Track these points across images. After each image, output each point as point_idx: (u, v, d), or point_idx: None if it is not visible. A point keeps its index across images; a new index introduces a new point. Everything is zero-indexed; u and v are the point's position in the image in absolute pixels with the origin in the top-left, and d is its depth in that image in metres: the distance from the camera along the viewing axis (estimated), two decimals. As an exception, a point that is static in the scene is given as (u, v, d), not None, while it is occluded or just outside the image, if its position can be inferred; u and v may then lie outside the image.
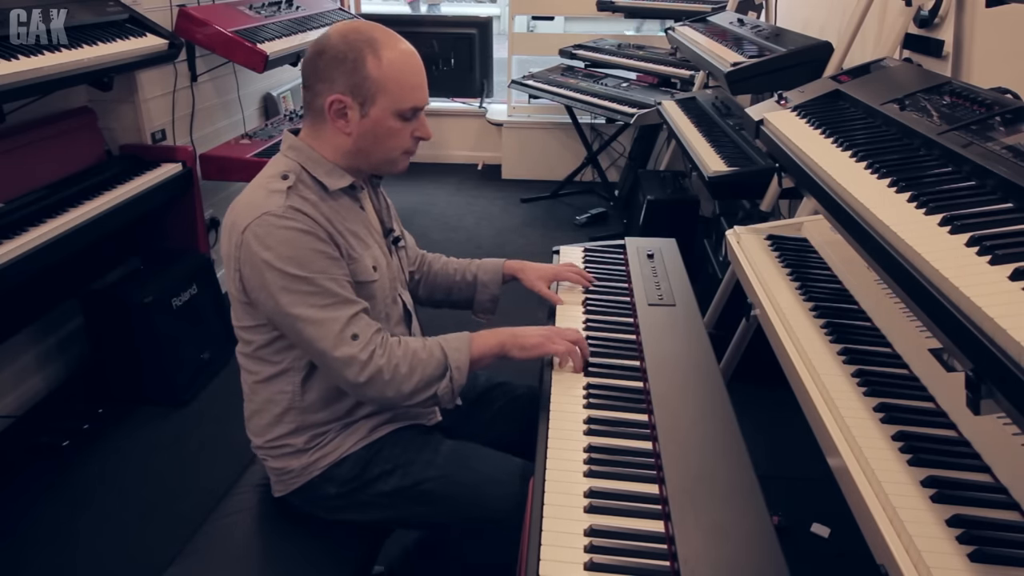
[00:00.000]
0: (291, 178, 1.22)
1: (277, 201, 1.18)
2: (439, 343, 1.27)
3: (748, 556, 0.93)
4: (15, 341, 2.38)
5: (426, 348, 1.25)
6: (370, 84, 1.20)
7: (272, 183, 1.22)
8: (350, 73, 1.19)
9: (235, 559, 1.27)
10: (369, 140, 1.25)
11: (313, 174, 1.25)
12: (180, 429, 2.42)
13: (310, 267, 1.17)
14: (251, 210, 1.18)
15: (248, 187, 1.26)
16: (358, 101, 1.21)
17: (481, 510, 1.27)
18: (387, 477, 1.31)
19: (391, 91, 1.21)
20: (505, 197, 4.63)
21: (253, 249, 1.17)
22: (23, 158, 2.21)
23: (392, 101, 1.22)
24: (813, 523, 2.02)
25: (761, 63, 2.41)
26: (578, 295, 1.60)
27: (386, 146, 1.27)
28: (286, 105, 3.71)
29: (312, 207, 1.21)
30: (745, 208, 2.84)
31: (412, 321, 1.46)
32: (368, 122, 1.23)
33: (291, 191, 1.20)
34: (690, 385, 1.27)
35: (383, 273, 1.33)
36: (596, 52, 4.33)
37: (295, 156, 1.26)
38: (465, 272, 1.61)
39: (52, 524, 2.04)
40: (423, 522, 1.36)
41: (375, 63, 1.19)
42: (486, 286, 1.60)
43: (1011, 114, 1.21)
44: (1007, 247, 0.90)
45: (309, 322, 1.17)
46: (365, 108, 1.22)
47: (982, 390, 0.81)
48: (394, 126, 1.24)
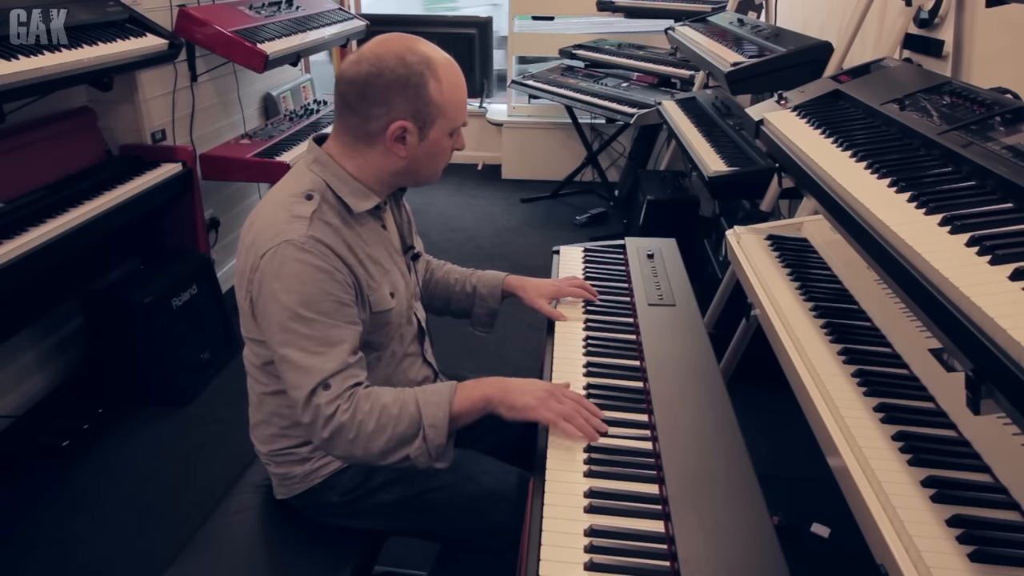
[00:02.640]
0: (315, 199, 1.18)
1: (299, 229, 1.14)
2: (415, 396, 1.15)
3: (748, 556, 0.93)
4: (15, 341, 2.38)
5: (398, 402, 1.14)
6: (432, 109, 1.17)
7: (296, 205, 1.17)
8: (413, 99, 1.16)
9: (235, 559, 1.27)
10: (422, 161, 1.23)
11: (338, 193, 1.21)
12: (180, 429, 2.42)
13: (315, 307, 1.13)
14: (272, 234, 1.14)
15: (270, 199, 1.21)
16: (418, 125, 1.18)
17: (482, 522, 1.27)
18: (390, 487, 1.30)
19: (449, 113, 1.19)
20: (505, 197, 4.63)
21: (267, 276, 1.14)
22: (23, 158, 2.21)
23: (449, 122, 1.20)
24: (813, 523, 2.02)
25: (761, 63, 2.41)
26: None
27: (436, 164, 1.25)
28: (286, 105, 3.71)
29: (334, 235, 1.17)
30: (745, 208, 2.84)
31: (425, 339, 1.44)
32: (426, 144, 1.20)
33: (315, 216, 1.16)
34: (690, 385, 1.27)
35: (400, 296, 1.30)
36: (596, 52, 4.33)
37: (320, 172, 1.22)
38: (465, 283, 1.58)
39: (52, 524, 2.04)
40: (423, 532, 1.36)
41: (436, 87, 1.16)
42: (484, 300, 1.56)
43: (1011, 114, 1.21)
44: (1007, 247, 0.90)
45: (293, 366, 1.13)
46: (424, 131, 1.19)
47: (982, 390, 0.81)
48: (447, 144, 1.23)
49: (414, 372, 1.40)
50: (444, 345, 2.95)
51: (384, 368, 1.32)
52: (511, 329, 3.10)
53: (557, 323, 1.48)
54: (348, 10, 3.98)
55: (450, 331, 3.10)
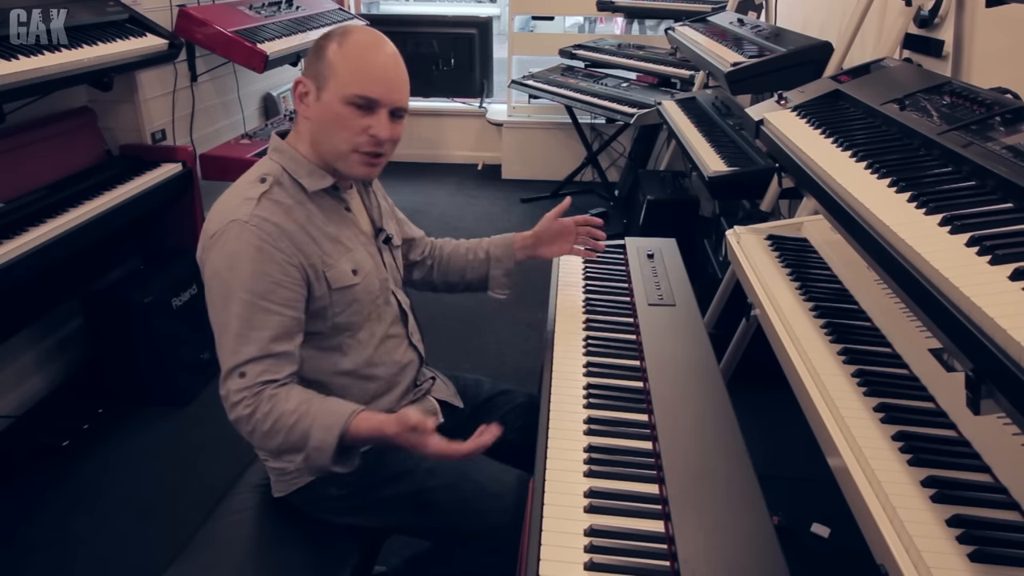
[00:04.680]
0: (268, 181, 1.23)
1: (246, 209, 1.18)
2: (314, 414, 1.14)
3: (748, 556, 0.93)
4: (15, 341, 2.38)
5: (296, 413, 1.14)
6: (325, 67, 1.20)
7: (249, 188, 1.22)
8: (315, 59, 1.22)
9: (235, 559, 1.27)
10: (319, 127, 1.24)
11: (294, 175, 1.25)
12: (180, 429, 2.42)
13: (248, 287, 1.16)
14: (222, 216, 1.19)
15: (230, 188, 1.26)
16: (316, 85, 1.21)
17: (479, 522, 1.27)
18: (389, 483, 1.30)
19: (340, 75, 1.19)
20: (505, 197, 4.63)
21: (211, 254, 1.19)
22: (23, 158, 2.21)
23: (340, 85, 1.19)
24: (813, 523, 2.02)
25: (761, 63, 2.41)
26: (578, 297, 1.60)
27: (335, 137, 1.22)
28: (286, 105, 3.71)
29: (283, 214, 1.20)
30: (745, 208, 2.84)
31: (408, 320, 1.45)
32: (320, 106, 1.22)
33: (264, 196, 1.20)
34: (690, 385, 1.27)
35: (369, 274, 1.32)
36: (596, 52, 4.33)
37: (278, 158, 1.27)
38: (477, 250, 1.60)
39: (52, 524, 2.04)
40: (420, 530, 1.37)
41: (335, 48, 1.20)
42: (499, 260, 1.58)
43: (1011, 114, 1.21)
44: (1007, 247, 0.90)
45: (220, 343, 1.18)
46: (320, 92, 1.21)
47: (982, 390, 0.81)
48: (341, 112, 1.19)
49: (399, 355, 1.40)
50: (444, 345, 2.97)
51: (364, 349, 1.33)
52: (511, 329, 3.10)
53: (557, 323, 1.48)
54: (348, 10, 3.98)
55: (450, 331, 3.12)
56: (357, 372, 1.33)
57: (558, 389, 1.28)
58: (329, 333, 1.28)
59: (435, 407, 1.46)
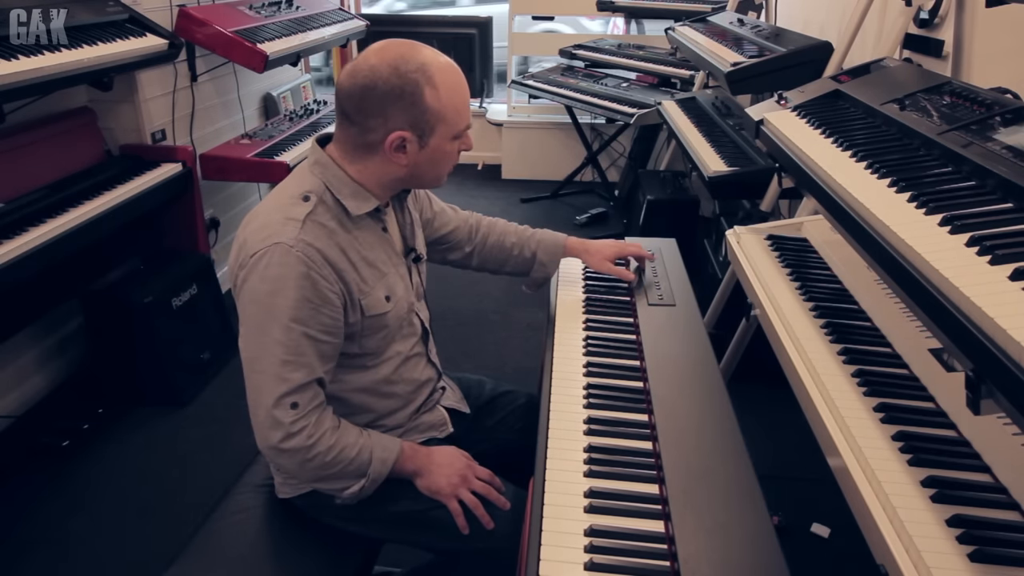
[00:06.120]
0: (312, 201, 1.18)
1: (291, 232, 1.14)
2: (371, 448, 1.22)
3: (748, 556, 0.93)
4: (15, 341, 2.38)
5: (356, 446, 1.20)
6: (430, 116, 1.16)
7: (292, 207, 1.17)
8: (408, 108, 1.14)
9: (235, 560, 1.27)
10: (425, 167, 1.22)
11: (337, 196, 1.20)
12: (180, 429, 2.42)
13: (293, 314, 1.13)
14: (265, 235, 1.15)
15: (269, 200, 1.22)
16: (417, 134, 1.17)
17: (480, 542, 1.26)
18: (397, 499, 1.29)
19: (449, 119, 1.18)
20: (505, 197, 4.63)
21: (252, 276, 1.14)
22: (23, 158, 2.21)
23: (450, 128, 1.19)
24: (813, 523, 2.02)
25: (761, 63, 2.41)
26: (578, 297, 1.60)
27: (440, 168, 1.25)
28: (286, 105, 3.71)
29: (327, 238, 1.17)
30: (745, 208, 2.84)
31: (429, 339, 1.44)
32: (427, 152, 1.19)
33: (309, 218, 1.16)
34: (690, 385, 1.27)
35: (400, 300, 1.30)
36: (596, 52, 4.33)
37: (321, 174, 1.21)
38: (524, 248, 1.61)
39: (51, 524, 2.04)
40: (422, 545, 1.36)
41: (433, 94, 1.15)
42: (544, 266, 1.61)
43: (1011, 114, 1.21)
44: (1007, 247, 0.90)
45: (260, 372, 1.14)
46: (424, 139, 1.18)
47: (982, 390, 0.81)
48: (450, 149, 1.22)
49: (418, 372, 1.40)
50: (444, 345, 2.95)
51: (385, 369, 1.32)
52: (511, 329, 3.10)
53: (557, 323, 1.48)
54: (348, 10, 3.98)
55: (450, 331, 3.12)
56: (377, 390, 1.33)
57: (558, 389, 1.27)
58: (354, 353, 1.27)
59: (444, 417, 1.45)
